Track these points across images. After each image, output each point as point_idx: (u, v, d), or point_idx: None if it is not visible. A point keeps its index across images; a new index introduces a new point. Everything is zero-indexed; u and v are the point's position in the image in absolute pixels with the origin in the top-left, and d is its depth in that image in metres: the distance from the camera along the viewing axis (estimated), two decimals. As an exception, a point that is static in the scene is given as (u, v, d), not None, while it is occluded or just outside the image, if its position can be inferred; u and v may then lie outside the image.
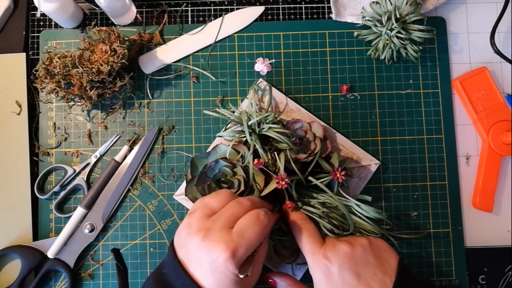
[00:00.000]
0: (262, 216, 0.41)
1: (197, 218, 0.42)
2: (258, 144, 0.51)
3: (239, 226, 0.40)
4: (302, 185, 0.52)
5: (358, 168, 0.58)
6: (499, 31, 0.62)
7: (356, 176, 0.58)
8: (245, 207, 0.42)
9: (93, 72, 0.54)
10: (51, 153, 0.60)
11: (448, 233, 0.59)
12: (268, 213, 0.43)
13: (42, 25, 0.62)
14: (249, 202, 0.43)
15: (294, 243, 0.52)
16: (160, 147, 0.60)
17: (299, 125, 0.55)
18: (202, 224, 0.41)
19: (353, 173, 0.58)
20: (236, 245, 0.38)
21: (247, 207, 0.42)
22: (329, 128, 0.59)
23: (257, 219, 0.41)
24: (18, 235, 0.58)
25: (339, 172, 0.51)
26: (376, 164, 0.58)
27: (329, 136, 0.58)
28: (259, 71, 0.61)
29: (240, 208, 0.42)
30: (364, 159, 0.58)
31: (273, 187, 0.49)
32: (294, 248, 0.52)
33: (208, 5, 0.63)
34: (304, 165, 0.52)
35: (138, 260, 0.58)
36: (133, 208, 0.59)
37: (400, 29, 0.55)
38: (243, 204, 0.43)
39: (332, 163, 0.53)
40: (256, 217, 0.41)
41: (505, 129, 0.60)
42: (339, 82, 0.61)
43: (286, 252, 0.53)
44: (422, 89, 0.62)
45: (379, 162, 0.58)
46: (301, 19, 0.63)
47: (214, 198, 0.44)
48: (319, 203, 0.50)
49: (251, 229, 0.40)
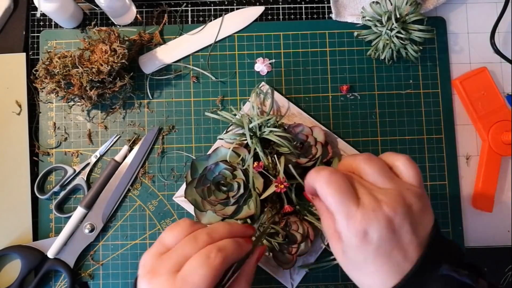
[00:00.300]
0: (214, 254, 0.37)
1: (150, 255, 0.39)
2: (258, 148, 0.51)
3: (185, 269, 0.37)
4: (302, 190, 0.52)
5: None
6: (499, 31, 0.62)
7: None
8: (199, 244, 0.38)
9: (93, 72, 0.54)
10: (51, 153, 0.60)
11: (448, 233, 0.59)
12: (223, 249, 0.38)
13: (42, 25, 0.62)
14: (206, 237, 0.39)
15: (292, 248, 0.52)
16: (160, 147, 0.60)
17: (301, 129, 0.55)
18: (151, 264, 0.39)
19: None
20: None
21: (201, 244, 0.38)
22: (330, 133, 0.59)
23: (206, 260, 0.36)
24: (18, 235, 0.58)
25: None
26: None
27: (330, 141, 0.58)
28: (259, 71, 0.61)
29: (192, 247, 0.38)
30: None
31: (272, 190, 0.49)
32: (292, 253, 0.52)
33: (208, 5, 0.63)
34: (305, 170, 0.52)
35: (138, 260, 0.58)
36: (133, 208, 0.59)
37: (400, 29, 0.55)
38: (197, 241, 0.38)
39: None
40: (205, 258, 0.37)
41: (505, 129, 0.60)
42: (339, 82, 0.61)
43: (284, 258, 0.53)
44: (422, 89, 0.62)
45: None
46: (301, 19, 0.63)
47: (169, 233, 0.40)
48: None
49: (197, 273, 0.36)
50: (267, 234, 0.51)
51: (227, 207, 0.52)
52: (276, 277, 0.56)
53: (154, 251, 0.40)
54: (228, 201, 0.51)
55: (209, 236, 0.39)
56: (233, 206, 0.52)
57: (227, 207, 0.52)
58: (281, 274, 0.56)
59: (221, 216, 0.52)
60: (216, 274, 0.37)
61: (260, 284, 0.57)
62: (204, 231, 0.40)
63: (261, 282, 0.57)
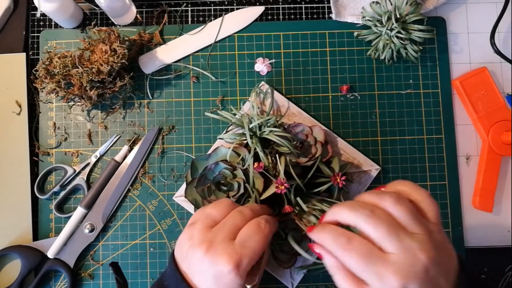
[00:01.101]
0: (263, 224, 0.41)
1: (198, 229, 0.42)
2: (258, 147, 0.51)
3: (241, 236, 0.40)
4: (302, 190, 0.52)
5: (359, 173, 0.58)
6: (499, 31, 0.62)
7: (357, 181, 0.58)
8: (246, 217, 0.42)
9: (93, 72, 0.54)
10: (51, 153, 0.60)
11: (448, 233, 0.59)
12: (268, 220, 0.43)
13: (42, 25, 0.62)
14: (250, 212, 0.43)
15: (292, 248, 0.52)
16: (160, 147, 0.60)
17: (300, 129, 0.55)
18: (204, 236, 0.41)
19: (353, 178, 0.58)
20: (239, 256, 0.38)
21: (248, 217, 0.43)
22: (330, 133, 0.59)
23: (258, 228, 0.41)
24: (18, 235, 0.58)
25: (340, 177, 0.51)
26: (376, 169, 0.58)
27: (330, 141, 0.58)
28: (259, 71, 0.61)
29: (241, 219, 0.42)
30: (365, 164, 0.58)
31: (272, 191, 0.49)
32: (292, 252, 0.52)
33: (208, 5, 0.63)
34: (305, 169, 0.52)
35: (138, 260, 0.58)
36: (133, 208, 0.59)
37: (400, 29, 0.55)
38: (244, 214, 0.43)
39: (332, 167, 0.53)
40: (257, 226, 0.41)
41: (505, 129, 0.60)
42: (339, 82, 0.61)
43: (284, 257, 0.53)
44: (422, 89, 0.62)
45: (380, 167, 0.58)
46: (301, 19, 0.63)
47: (216, 208, 0.44)
48: (318, 209, 0.50)
49: (253, 239, 0.40)
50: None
51: (227, 207, 0.52)
52: (276, 277, 0.56)
53: (203, 225, 0.42)
54: None
55: (252, 211, 0.44)
56: (233, 206, 0.52)
57: (227, 207, 0.52)
58: (281, 273, 0.56)
59: None
60: (267, 241, 0.41)
61: (260, 284, 0.57)
62: (247, 207, 0.44)
63: (261, 281, 0.57)
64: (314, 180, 0.52)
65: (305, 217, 0.52)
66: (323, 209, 0.50)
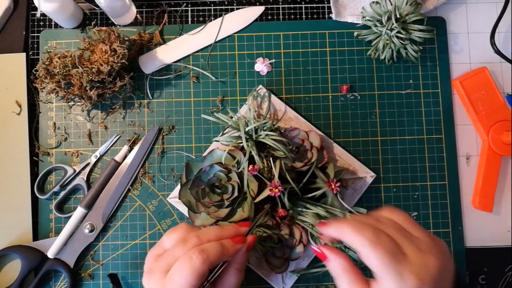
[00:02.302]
0: (195, 256, 0.39)
1: (148, 257, 0.44)
2: (254, 151, 0.51)
3: (171, 269, 0.40)
4: (297, 195, 0.52)
5: (354, 179, 0.58)
6: (499, 31, 0.62)
7: (351, 188, 0.58)
8: (188, 246, 0.41)
9: (93, 72, 0.54)
10: (51, 153, 0.60)
11: (448, 233, 0.59)
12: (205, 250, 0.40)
13: (42, 25, 0.62)
14: (195, 240, 0.41)
15: (285, 253, 0.52)
16: (160, 147, 0.60)
17: (297, 134, 0.55)
18: (150, 264, 0.43)
19: (348, 185, 0.57)
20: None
21: (190, 247, 0.41)
22: (326, 138, 0.59)
23: (188, 261, 0.39)
24: (18, 235, 0.58)
25: (334, 183, 0.51)
26: (371, 176, 0.58)
27: (326, 146, 0.57)
28: (259, 71, 0.61)
29: (181, 249, 0.41)
30: (360, 171, 0.58)
31: (266, 194, 0.49)
32: (285, 257, 0.52)
33: (208, 5, 0.63)
34: (300, 174, 0.52)
35: (138, 260, 0.58)
36: (133, 208, 0.59)
37: (400, 29, 0.55)
38: (186, 244, 0.41)
39: (328, 173, 0.53)
40: (188, 259, 0.39)
41: (505, 129, 0.60)
42: (339, 82, 0.61)
43: (277, 262, 0.52)
44: (422, 89, 0.62)
45: (375, 174, 0.58)
46: (301, 19, 0.63)
47: (167, 236, 0.44)
48: (313, 213, 0.50)
49: (180, 273, 0.39)
50: (260, 239, 0.51)
51: (221, 210, 0.51)
52: (268, 281, 0.55)
53: (153, 252, 0.44)
54: (222, 203, 0.51)
55: (198, 238, 0.42)
56: (227, 208, 0.51)
57: (221, 210, 0.52)
58: (273, 277, 0.55)
59: (215, 219, 0.51)
60: (197, 274, 0.39)
61: (250, 284, 0.57)
62: (194, 234, 0.42)
63: (251, 282, 0.57)
64: (309, 185, 0.52)
65: (300, 221, 0.52)
66: (318, 213, 0.50)
